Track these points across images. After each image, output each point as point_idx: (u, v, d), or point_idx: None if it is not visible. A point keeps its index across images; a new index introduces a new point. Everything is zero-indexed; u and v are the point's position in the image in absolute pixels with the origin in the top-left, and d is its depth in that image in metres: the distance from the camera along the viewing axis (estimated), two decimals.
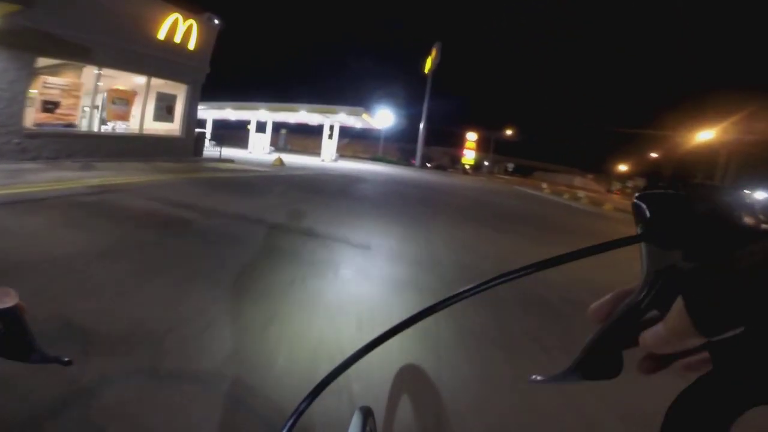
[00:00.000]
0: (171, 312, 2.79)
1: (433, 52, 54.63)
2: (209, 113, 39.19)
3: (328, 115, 32.33)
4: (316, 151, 36.39)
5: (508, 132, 60.27)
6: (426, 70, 55.86)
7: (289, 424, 0.43)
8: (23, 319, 0.40)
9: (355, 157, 55.54)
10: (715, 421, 0.25)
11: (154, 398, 1.83)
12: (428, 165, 55.28)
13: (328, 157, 34.01)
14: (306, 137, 62.67)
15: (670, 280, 0.27)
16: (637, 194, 0.31)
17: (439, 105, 58.26)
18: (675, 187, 0.29)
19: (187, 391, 1.92)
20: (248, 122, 39.30)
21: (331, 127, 35.66)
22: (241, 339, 2.52)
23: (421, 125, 52.76)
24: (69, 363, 0.44)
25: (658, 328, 0.27)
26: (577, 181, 60.12)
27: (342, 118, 32.99)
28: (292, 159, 31.87)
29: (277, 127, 44.72)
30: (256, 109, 33.76)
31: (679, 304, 0.24)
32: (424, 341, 2.66)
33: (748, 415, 0.25)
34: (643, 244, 0.29)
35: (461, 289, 0.34)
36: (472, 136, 54.72)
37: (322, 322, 2.95)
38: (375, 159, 51.72)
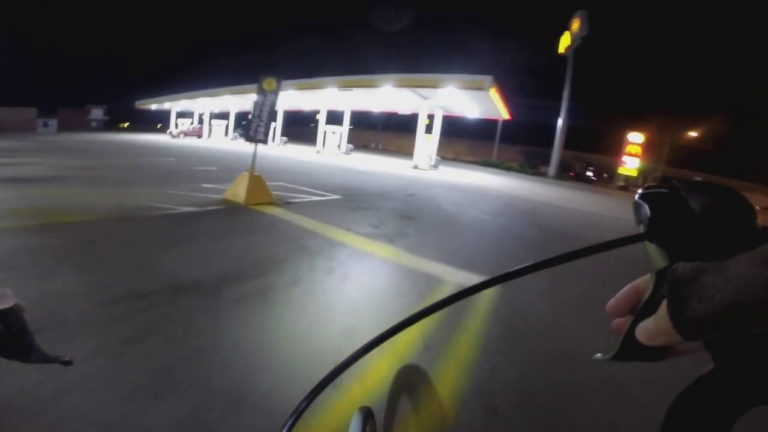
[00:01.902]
0: None
1: (574, 24, 38.00)
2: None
3: (426, 92, 19.35)
4: (411, 152, 23.55)
5: (692, 134, 40.47)
6: (562, 49, 39.49)
7: (289, 423, 0.42)
8: (23, 318, 0.40)
9: (456, 159, 41.86)
10: (716, 421, 0.25)
11: None
12: (590, 175, 38.75)
13: (423, 162, 21.09)
14: (401, 136, 50.69)
15: (667, 280, 0.26)
16: (638, 193, 0.30)
17: (573, 96, 40.81)
18: (675, 186, 0.28)
19: None
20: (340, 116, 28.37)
21: (430, 117, 22.61)
22: None
23: (559, 121, 36.85)
24: (69, 363, 0.43)
25: (648, 323, 0.27)
26: None
27: (448, 97, 19.72)
28: (368, 165, 19.69)
29: (358, 120, 32.99)
30: (324, 86, 22.29)
31: (665, 303, 0.25)
32: None
33: (748, 415, 0.25)
34: (646, 244, 0.29)
35: (460, 290, 0.34)
36: (635, 138, 36.89)
37: None
38: (487, 164, 37.46)
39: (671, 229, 0.27)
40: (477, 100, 19.74)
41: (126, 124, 58.60)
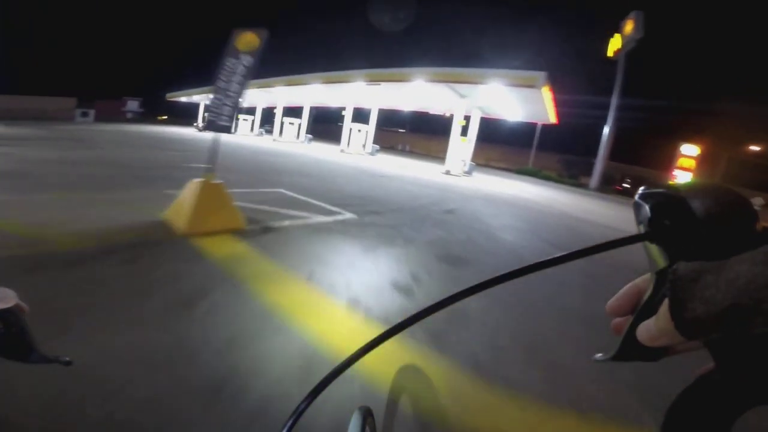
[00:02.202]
0: None
1: (627, 26, 34.29)
2: (297, 94, 27.17)
3: (464, 89, 16.68)
4: (440, 155, 20.98)
5: (755, 148, 35.89)
6: (611, 53, 35.79)
7: (289, 424, 0.41)
8: (23, 319, 0.40)
9: (488, 165, 38.65)
10: (716, 421, 0.25)
11: None
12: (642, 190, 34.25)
13: (456, 167, 18.40)
14: (429, 138, 47.83)
15: (668, 279, 0.26)
16: (638, 193, 0.30)
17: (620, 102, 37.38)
18: (675, 186, 0.28)
19: None
20: (370, 113, 26.13)
21: (466, 118, 19.87)
22: None
23: (606, 129, 33.38)
24: (69, 363, 0.42)
25: (649, 324, 0.26)
26: None
27: (490, 96, 16.98)
28: (395, 168, 17.23)
29: (385, 121, 30.98)
30: (350, 80, 19.97)
31: (666, 302, 0.24)
32: None
33: (748, 415, 0.24)
34: (646, 244, 0.29)
35: (460, 290, 0.33)
36: (689, 150, 32.91)
37: None
38: (523, 172, 34.32)
39: (672, 230, 0.26)
40: (524, 100, 16.89)
41: (164, 117, 58.29)
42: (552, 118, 20.93)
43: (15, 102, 43.98)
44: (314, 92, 25.60)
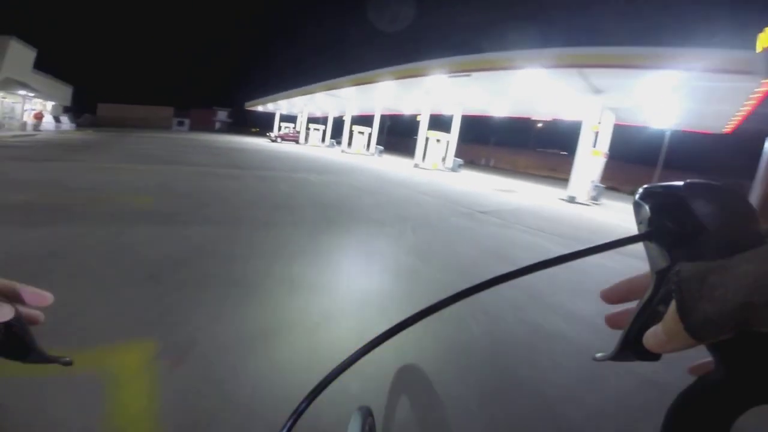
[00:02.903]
0: None
1: None
2: (367, 97, 22.76)
3: (604, 78, 10.50)
4: (529, 171, 14.80)
5: None
6: (760, 48, 25.45)
7: (289, 424, 0.40)
8: (23, 320, 0.39)
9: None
10: (716, 421, 0.24)
11: None
12: None
13: (583, 192, 12.17)
14: (514, 151, 40.54)
15: (672, 281, 0.25)
16: (638, 192, 0.29)
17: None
18: (675, 186, 0.27)
19: None
20: (451, 120, 21.01)
21: (599, 124, 13.46)
22: None
23: None
24: (69, 363, 0.41)
25: (657, 329, 0.25)
26: None
27: (643, 90, 10.52)
28: (491, 193, 11.51)
29: (464, 130, 25.40)
30: (430, 72, 14.82)
31: (673, 305, 0.23)
32: None
33: (748, 415, 0.23)
34: (647, 244, 0.28)
35: (462, 289, 0.33)
36: None
37: None
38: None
39: (672, 230, 0.26)
40: (707, 97, 10.17)
41: (256, 129, 57.72)
42: (727, 126, 13.62)
43: (125, 111, 46.13)
44: (385, 94, 20.93)
